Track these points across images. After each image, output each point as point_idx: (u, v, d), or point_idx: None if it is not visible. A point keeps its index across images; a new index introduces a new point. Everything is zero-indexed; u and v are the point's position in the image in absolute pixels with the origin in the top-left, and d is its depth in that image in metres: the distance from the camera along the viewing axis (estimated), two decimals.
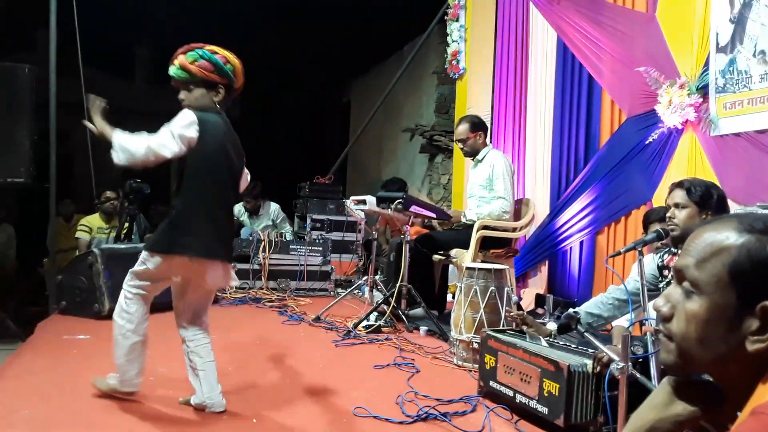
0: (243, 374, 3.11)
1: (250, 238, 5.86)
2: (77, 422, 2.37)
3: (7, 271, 6.93)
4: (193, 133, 2.43)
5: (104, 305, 4.15)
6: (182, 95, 2.57)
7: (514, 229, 4.72)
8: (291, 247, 5.96)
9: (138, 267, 2.55)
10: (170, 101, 2.65)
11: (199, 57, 2.53)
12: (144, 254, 2.54)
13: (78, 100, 6.03)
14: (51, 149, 5.07)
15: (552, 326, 2.68)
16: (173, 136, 2.40)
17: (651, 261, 2.72)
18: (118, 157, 2.38)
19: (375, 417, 2.49)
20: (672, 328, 0.97)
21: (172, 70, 2.55)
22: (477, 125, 4.74)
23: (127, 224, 5.34)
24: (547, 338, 2.68)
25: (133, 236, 5.38)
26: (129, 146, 2.37)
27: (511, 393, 2.58)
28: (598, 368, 2.30)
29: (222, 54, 2.57)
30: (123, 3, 12.20)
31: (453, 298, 5.28)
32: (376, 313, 4.22)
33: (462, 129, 4.74)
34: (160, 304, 2.78)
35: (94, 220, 6.25)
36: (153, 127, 2.45)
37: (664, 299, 1.00)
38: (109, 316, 4.11)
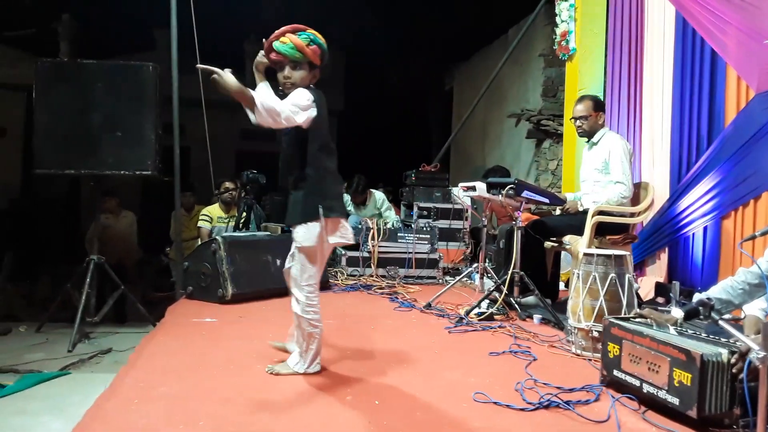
0: (361, 357, 3.19)
1: (359, 226, 5.96)
2: (211, 399, 2.49)
3: (132, 259, 7.41)
4: (313, 110, 2.69)
5: (227, 290, 4.36)
6: (287, 72, 2.75)
7: (632, 215, 4.53)
8: (399, 234, 6.02)
9: (304, 260, 2.74)
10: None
11: (311, 41, 2.74)
12: (300, 235, 2.72)
13: (196, 95, 6.38)
14: (175, 143, 5.35)
15: (678, 313, 2.56)
16: (299, 109, 2.63)
17: None
18: (260, 117, 2.51)
19: (495, 403, 2.47)
20: None
21: (285, 48, 2.70)
22: (599, 104, 4.60)
23: (245, 213, 5.57)
24: (674, 326, 2.56)
25: (250, 225, 5.61)
26: (274, 106, 2.54)
27: (637, 382, 2.49)
28: (734, 360, 2.18)
29: (322, 39, 2.78)
30: (233, 3, 12.69)
31: (566, 286, 5.18)
32: (487, 301, 4.19)
33: (582, 107, 4.59)
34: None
35: (214, 210, 6.56)
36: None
37: None
38: (231, 301, 4.37)
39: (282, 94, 2.75)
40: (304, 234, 2.71)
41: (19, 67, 14.19)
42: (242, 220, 5.63)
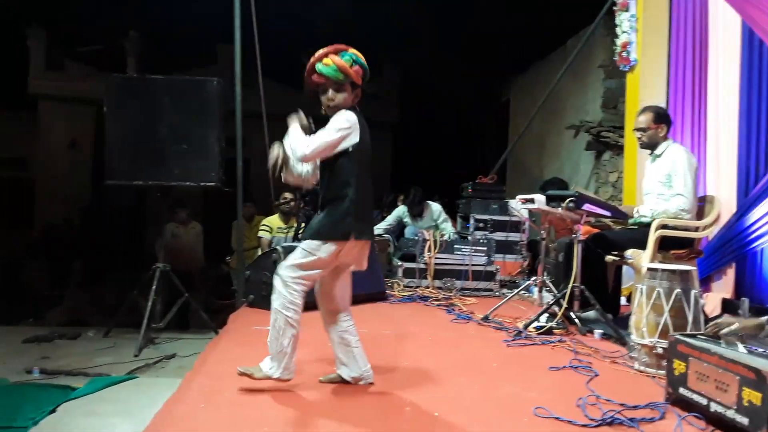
0: (419, 368, 3.20)
1: (416, 238, 5.98)
2: (274, 405, 2.56)
3: (196, 266, 7.62)
4: (354, 133, 2.74)
5: None
6: (330, 95, 2.78)
7: (696, 229, 4.41)
8: (455, 246, 6.01)
9: (304, 259, 2.70)
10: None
11: (354, 62, 2.75)
12: (312, 244, 2.70)
13: (255, 108, 6.54)
14: (238, 155, 5.50)
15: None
16: (338, 132, 2.71)
17: None
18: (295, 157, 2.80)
19: (557, 418, 2.45)
20: None
21: (328, 70, 2.73)
22: (661, 116, 4.49)
23: (303, 224, 5.67)
24: (745, 344, 2.49)
25: None
26: (299, 141, 2.74)
27: (704, 401, 2.43)
28: None
29: (363, 59, 2.80)
30: (291, 18, 12.95)
31: (627, 300, 5.07)
32: (547, 315, 4.14)
33: (644, 118, 4.50)
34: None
35: (274, 220, 6.70)
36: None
37: None
38: None
39: (325, 117, 2.81)
40: (314, 247, 2.70)
41: (88, 82, 14.86)
42: (301, 231, 5.72)
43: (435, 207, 7.26)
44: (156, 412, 2.45)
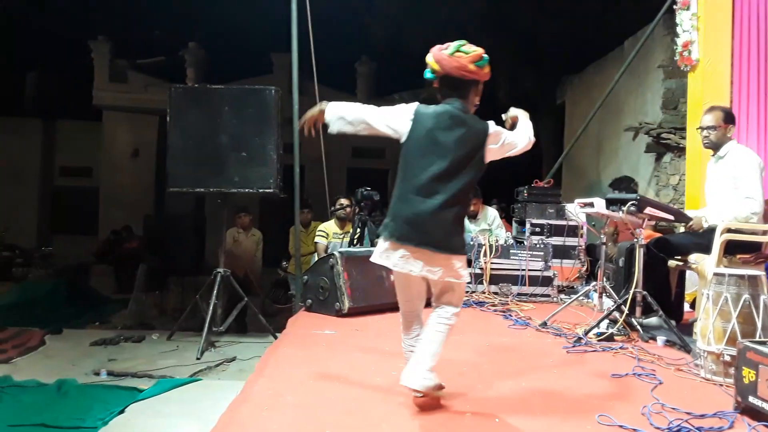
0: (477, 374, 3.19)
1: (471, 243, 5.96)
2: (335, 408, 2.59)
3: (255, 272, 7.78)
4: (402, 122, 2.72)
5: (344, 304, 4.49)
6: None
7: (764, 233, 4.26)
8: (511, 251, 5.95)
9: None
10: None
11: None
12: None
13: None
14: (295, 162, 5.59)
15: None
16: (382, 116, 2.75)
17: None
18: (334, 126, 2.79)
19: (621, 426, 2.41)
20: None
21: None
22: (730, 116, 4.34)
23: (359, 229, 5.73)
24: None
25: (364, 241, 5.75)
26: (344, 106, 2.78)
27: None
28: None
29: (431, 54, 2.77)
30: (343, 23, 13.10)
31: (691, 307, 4.93)
32: (607, 321, 4.07)
33: (711, 117, 4.35)
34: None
35: (330, 226, 6.78)
36: (372, 139, 2.79)
37: None
38: (348, 314, 4.50)
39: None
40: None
41: (150, 92, 15.37)
42: (357, 236, 5.78)
43: (491, 212, 7.20)
44: (221, 415, 2.52)
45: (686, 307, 4.89)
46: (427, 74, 2.81)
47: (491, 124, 2.75)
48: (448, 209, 2.63)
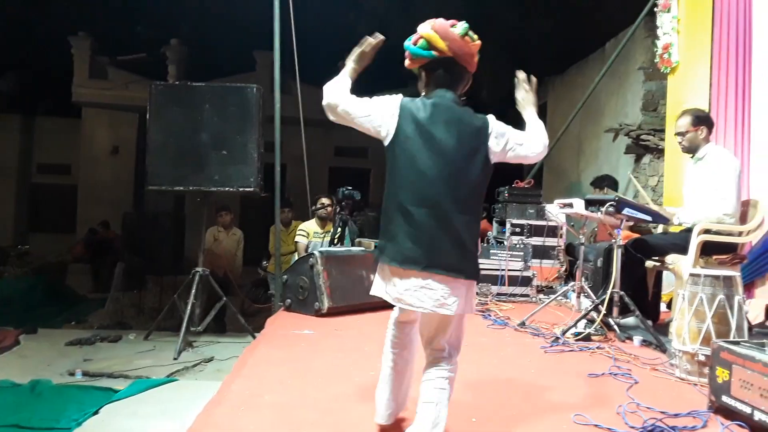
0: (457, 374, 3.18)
1: None
2: (314, 408, 2.58)
3: (235, 271, 7.73)
4: (385, 119, 2.23)
5: (324, 303, 4.48)
6: None
7: (740, 234, 4.30)
8: (491, 252, 5.97)
9: None
10: None
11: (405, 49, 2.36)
12: None
13: (292, 114, 6.61)
14: (276, 161, 5.56)
15: None
16: (366, 109, 2.25)
17: None
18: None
19: (596, 425, 2.42)
20: None
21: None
22: (700, 119, 4.37)
23: (340, 229, 5.71)
24: None
25: (345, 240, 5.74)
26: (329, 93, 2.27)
27: (748, 410, 2.37)
28: None
29: (417, 33, 2.32)
30: (327, 21, 13.05)
31: (668, 307, 4.97)
32: (585, 321, 4.09)
33: (683, 122, 4.40)
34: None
35: (311, 225, 6.75)
36: (356, 133, 2.43)
37: None
38: (327, 314, 4.48)
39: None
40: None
41: (131, 89, 15.21)
42: (337, 236, 5.76)
43: None
44: (197, 415, 2.49)
45: (663, 307, 4.94)
46: (420, 51, 2.28)
47: (492, 117, 2.32)
48: (459, 222, 2.15)
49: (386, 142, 2.24)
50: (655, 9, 6.41)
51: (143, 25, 16.51)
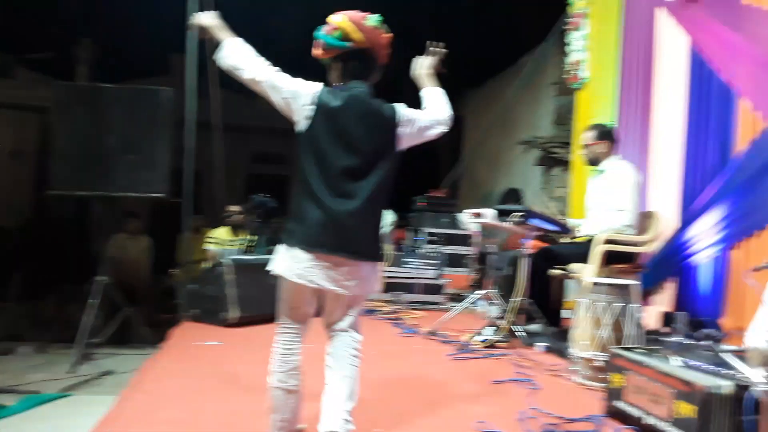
0: (362, 383, 3.15)
1: None
2: (213, 424, 2.49)
3: (142, 280, 7.42)
4: (301, 104, 2.21)
5: (232, 313, 4.35)
6: None
7: (639, 244, 4.49)
8: (404, 260, 6.00)
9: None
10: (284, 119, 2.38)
11: (315, 38, 2.35)
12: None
13: (208, 119, 6.45)
14: (188, 166, 5.39)
15: None
16: (280, 85, 2.23)
17: None
18: (223, 61, 2.26)
19: None
20: None
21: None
22: (604, 134, 4.55)
23: (253, 237, 5.59)
24: (679, 358, 2.52)
25: (258, 248, 5.62)
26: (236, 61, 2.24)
27: (639, 414, 2.45)
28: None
29: (330, 23, 2.31)
30: (249, 25, 12.84)
31: (571, 314, 5.12)
32: (492, 328, 4.16)
33: (587, 135, 4.59)
34: None
35: (222, 232, 6.58)
36: (274, 140, 2.41)
37: None
38: (237, 324, 4.36)
39: None
40: (274, 258, 2.27)
41: (36, 89, 14.46)
42: (250, 244, 5.64)
43: (389, 216, 7.22)
44: None
45: (568, 314, 5.08)
46: (335, 41, 2.28)
47: (401, 106, 2.35)
48: (367, 210, 2.22)
49: (299, 128, 2.24)
50: (566, 27, 6.65)
51: (54, 24, 15.78)
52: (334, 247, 2.16)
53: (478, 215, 4.62)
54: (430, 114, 2.46)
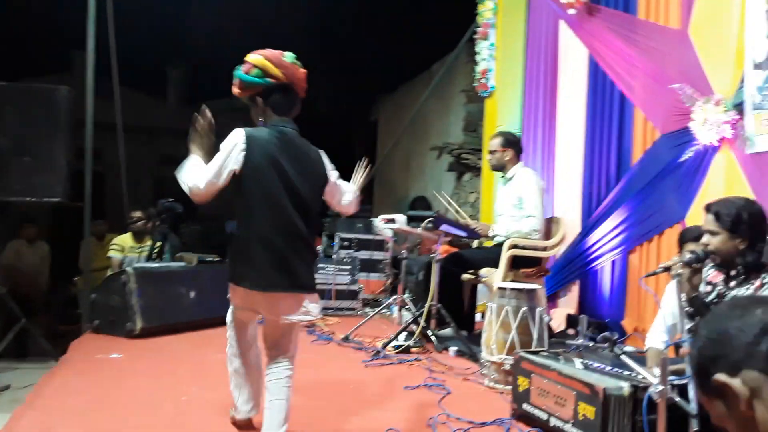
0: None
1: None
2: None
3: (40, 289, 7.04)
4: (234, 162, 2.28)
5: (136, 324, 4.19)
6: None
7: (544, 248, 4.66)
8: (319, 266, 5.96)
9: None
10: None
11: (234, 78, 2.43)
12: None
13: (112, 120, 6.19)
14: (87, 169, 5.16)
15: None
16: (218, 167, 2.28)
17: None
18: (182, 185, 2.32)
19: None
20: None
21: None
22: (509, 142, 4.70)
23: (159, 243, 5.39)
24: (581, 360, 2.62)
25: (164, 255, 5.43)
26: (184, 176, 2.31)
27: (545, 416, 2.54)
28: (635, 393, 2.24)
29: (247, 62, 2.39)
30: (157, 25, 12.44)
31: (482, 318, 5.24)
32: (405, 333, 4.20)
33: (494, 142, 4.73)
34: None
35: (126, 239, 6.31)
36: (183, 142, 2.43)
37: None
38: (141, 335, 4.20)
39: None
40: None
41: None
42: (156, 250, 5.44)
43: None
44: None
45: (479, 318, 5.20)
46: (255, 79, 2.36)
47: (322, 152, 2.52)
48: (307, 246, 2.39)
49: (235, 172, 2.30)
50: (475, 36, 6.81)
51: None
52: (289, 286, 2.34)
53: (391, 221, 4.66)
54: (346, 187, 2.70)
